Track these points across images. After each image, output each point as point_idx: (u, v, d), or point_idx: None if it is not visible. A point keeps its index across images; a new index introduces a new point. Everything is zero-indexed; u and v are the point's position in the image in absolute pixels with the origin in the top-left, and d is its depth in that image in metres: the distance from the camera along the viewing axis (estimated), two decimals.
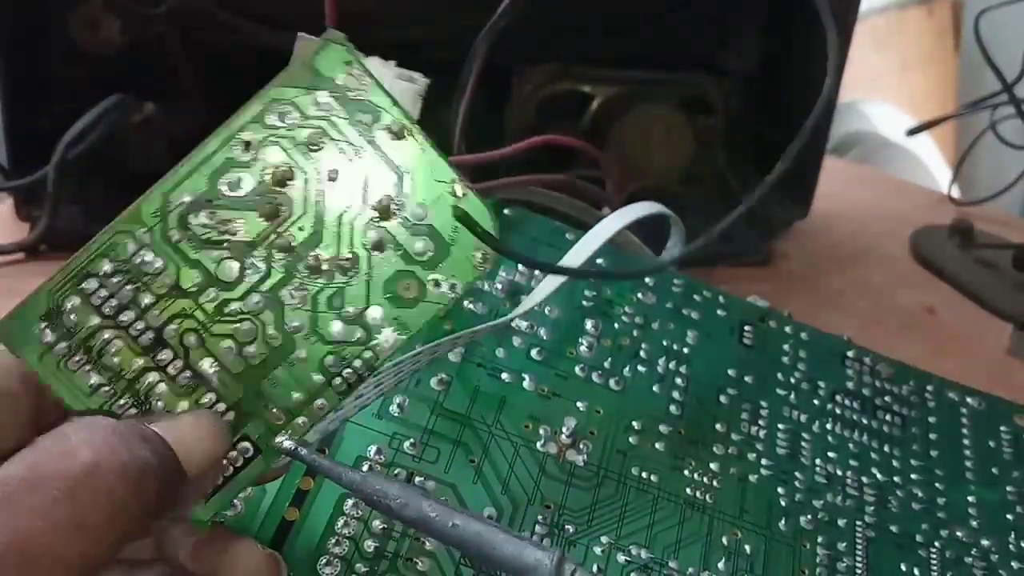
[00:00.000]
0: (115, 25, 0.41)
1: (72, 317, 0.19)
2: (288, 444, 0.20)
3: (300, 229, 0.20)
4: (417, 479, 0.25)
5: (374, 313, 0.20)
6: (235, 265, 0.20)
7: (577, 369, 0.29)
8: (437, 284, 0.21)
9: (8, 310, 0.19)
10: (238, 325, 0.20)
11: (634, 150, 0.46)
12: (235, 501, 0.23)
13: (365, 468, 0.24)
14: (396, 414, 0.26)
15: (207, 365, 0.20)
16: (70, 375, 0.19)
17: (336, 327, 0.20)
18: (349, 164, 0.20)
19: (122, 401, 0.20)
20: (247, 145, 0.20)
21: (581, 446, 0.27)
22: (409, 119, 0.21)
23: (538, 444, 0.27)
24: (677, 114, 0.46)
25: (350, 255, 0.20)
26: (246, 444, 0.20)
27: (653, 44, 0.46)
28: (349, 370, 0.20)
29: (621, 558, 0.25)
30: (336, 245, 0.20)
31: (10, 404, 0.19)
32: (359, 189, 0.20)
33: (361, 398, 0.23)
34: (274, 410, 0.20)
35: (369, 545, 0.23)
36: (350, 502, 0.24)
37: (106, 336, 0.20)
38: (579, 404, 0.28)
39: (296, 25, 0.23)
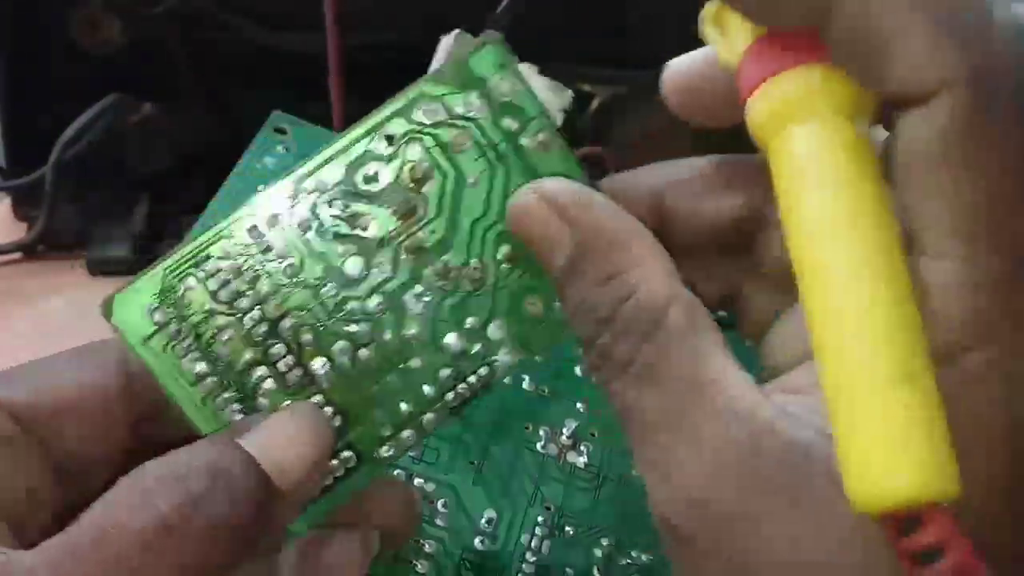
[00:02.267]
0: (114, 25, 0.41)
1: (186, 298, 0.19)
2: (387, 451, 0.19)
3: (432, 232, 0.19)
4: (416, 480, 0.25)
5: (496, 328, 0.20)
6: (361, 262, 0.19)
7: (577, 369, 0.29)
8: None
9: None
10: (356, 326, 0.19)
11: (634, 151, 0.46)
12: None
13: None
14: None
15: (319, 365, 0.19)
16: (176, 360, 0.19)
17: (456, 339, 0.19)
18: (491, 170, 0.19)
19: (227, 395, 0.19)
20: (390, 139, 0.19)
21: (581, 447, 0.27)
22: (555, 130, 0.20)
23: (538, 445, 0.27)
24: (677, 115, 0.46)
25: (480, 265, 0.19)
26: (349, 453, 0.19)
27: (653, 44, 0.46)
28: (464, 385, 0.19)
29: (622, 560, 0.25)
30: (467, 253, 0.19)
31: (104, 403, 0.19)
32: (498, 198, 0.19)
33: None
34: (382, 420, 0.19)
35: None
36: None
37: (219, 322, 0.19)
38: (579, 405, 0.28)
39: (296, 25, 0.23)
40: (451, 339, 0.19)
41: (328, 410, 0.19)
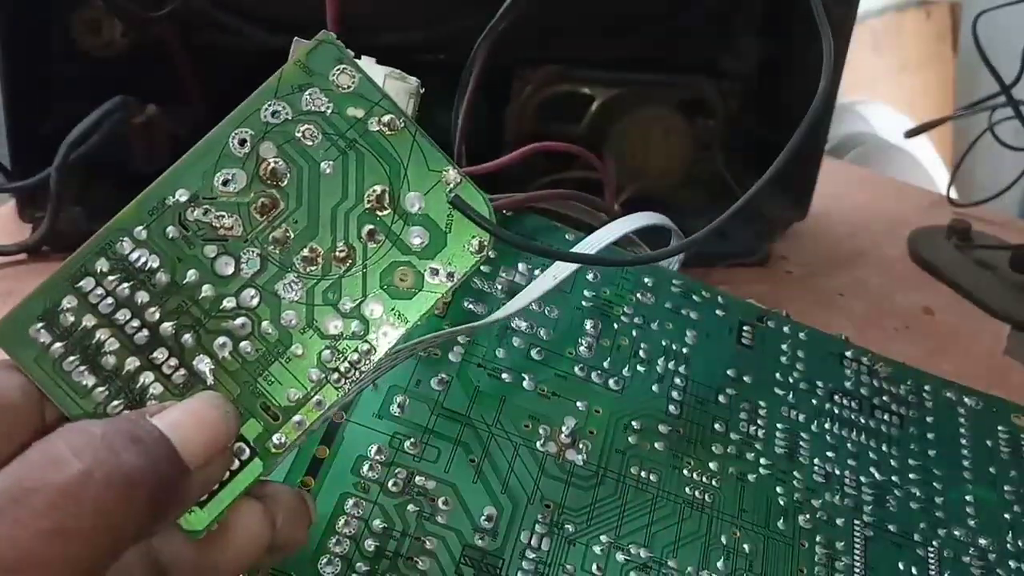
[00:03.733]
0: (116, 27, 0.41)
1: (68, 317, 0.19)
2: (280, 439, 0.20)
3: (295, 222, 0.20)
4: (418, 479, 0.25)
5: (371, 305, 0.21)
6: (230, 260, 0.20)
7: (576, 369, 0.29)
8: (435, 273, 0.21)
9: (12, 307, 0.19)
10: (233, 321, 0.20)
11: (634, 152, 0.46)
12: None
13: (366, 468, 0.25)
14: (396, 414, 0.26)
15: (202, 363, 0.20)
16: (66, 376, 0.19)
17: (333, 321, 0.20)
18: (343, 157, 0.21)
19: (116, 403, 0.19)
20: (241, 142, 0.20)
21: (580, 446, 0.27)
22: (400, 112, 0.21)
23: (538, 444, 0.27)
24: (676, 116, 0.46)
25: (345, 248, 0.20)
26: (241, 445, 0.20)
27: (653, 46, 0.46)
28: (346, 364, 0.20)
29: (620, 557, 0.25)
30: (331, 238, 0.20)
31: (10, 415, 0.19)
32: (353, 182, 0.21)
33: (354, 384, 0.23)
34: (271, 409, 0.20)
35: (369, 544, 0.23)
36: (351, 501, 0.24)
37: (101, 336, 0.19)
38: (579, 404, 0.28)
39: (297, 27, 0.23)
40: (328, 321, 0.20)
41: None
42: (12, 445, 0.18)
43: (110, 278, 0.20)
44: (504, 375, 0.28)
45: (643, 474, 0.27)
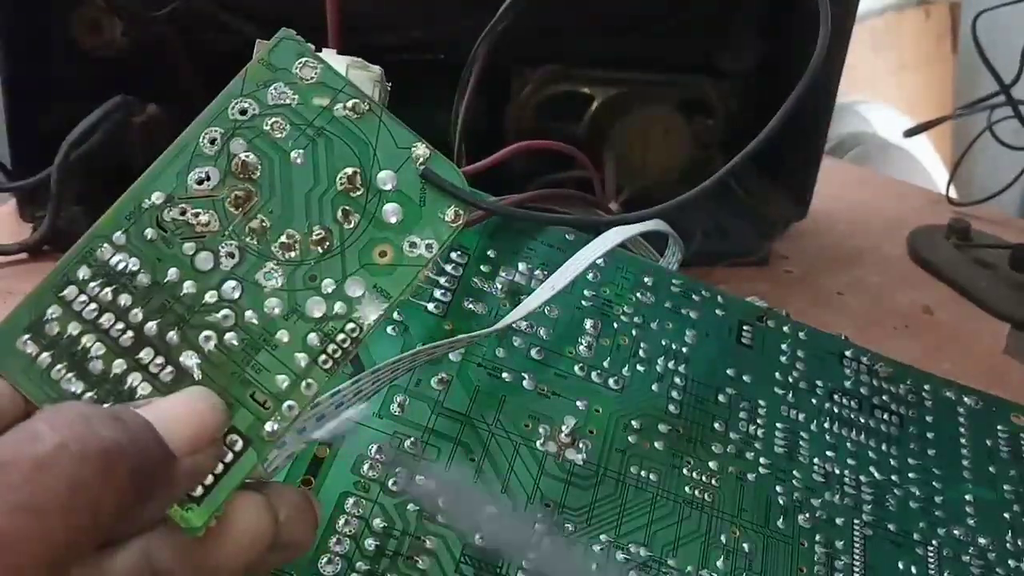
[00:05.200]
0: (117, 26, 0.41)
1: (54, 326, 0.19)
2: (272, 427, 0.20)
3: (270, 212, 0.21)
4: (418, 477, 0.25)
5: (353, 284, 0.21)
6: (209, 255, 0.20)
7: (576, 368, 0.29)
8: (413, 246, 0.21)
9: (10, 309, 0.19)
10: (216, 314, 0.20)
11: (633, 151, 0.46)
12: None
13: (366, 467, 0.25)
14: (397, 413, 0.26)
15: (189, 358, 0.20)
16: (54, 385, 0.19)
17: (316, 304, 0.20)
18: (312, 145, 0.21)
19: (106, 406, 0.19)
20: (212, 141, 0.21)
21: (580, 445, 0.27)
22: (363, 95, 0.21)
23: (538, 443, 0.27)
24: (676, 115, 0.46)
25: (322, 231, 0.21)
26: (234, 437, 0.20)
27: (652, 46, 0.46)
28: (333, 345, 0.20)
29: (620, 556, 0.25)
30: (307, 223, 0.21)
31: None
32: (324, 167, 0.21)
33: (360, 394, 0.23)
34: (261, 397, 0.20)
35: (370, 543, 0.23)
36: (351, 500, 0.24)
37: (87, 342, 0.19)
38: (578, 403, 0.28)
39: (298, 27, 0.23)
40: (311, 305, 0.20)
41: None
42: None
43: (92, 284, 0.20)
44: (504, 374, 0.28)
45: (643, 473, 0.27)
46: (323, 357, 0.20)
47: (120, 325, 0.20)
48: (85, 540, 0.15)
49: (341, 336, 0.20)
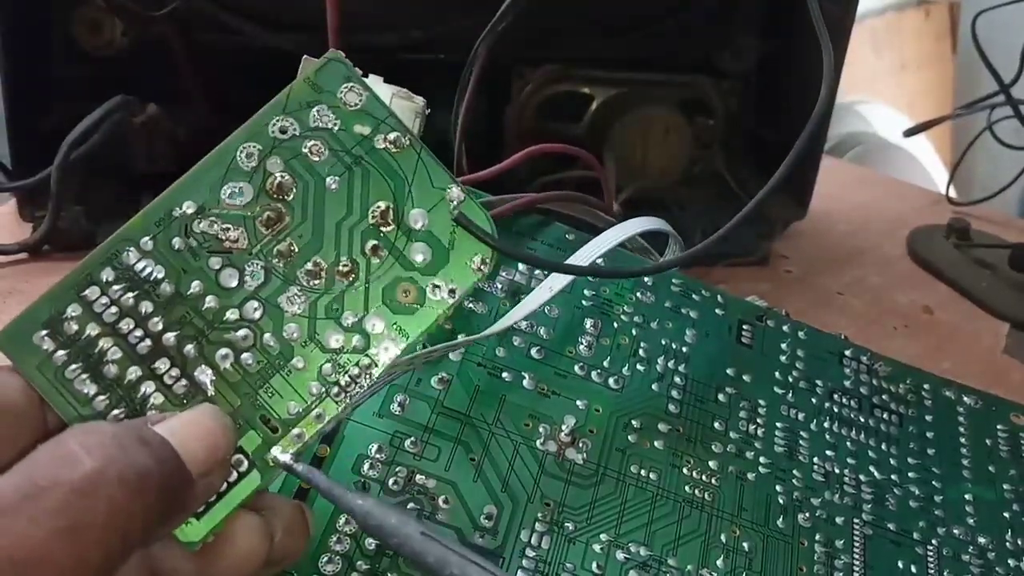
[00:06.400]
0: (117, 26, 0.41)
1: (72, 325, 0.19)
2: (284, 458, 0.20)
3: (299, 237, 0.21)
4: (418, 477, 0.25)
5: (373, 320, 0.21)
6: (235, 272, 0.20)
7: (576, 368, 0.29)
8: (436, 289, 0.21)
9: (10, 309, 0.20)
10: (235, 333, 0.20)
11: (633, 151, 0.46)
12: None
13: (366, 467, 0.25)
14: (397, 412, 0.26)
15: (204, 374, 0.20)
16: (67, 384, 0.19)
17: (334, 334, 0.20)
18: (348, 173, 0.21)
19: (117, 411, 0.19)
20: (249, 156, 0.21)
21: (580, 444, 0.27)
22: (405, 129, 0.21)
23: (538, 442, 0.27)
24: (676, 115, 0.46)
25: (349, 262, 0.21)
26: (240, 457, 0.20)
27: (652, 46, 0.46)
28: (347, 378, 0.20)
29: (620, 555, 0.25)
30: (335, 252, 0.21)
31: (12, 419, 0.19)
32: (358, 198, 0.21)
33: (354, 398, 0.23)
34: (271, 421, 0.20)
35: (370, 543, 0.23)
36: None
37: (105, 345, 0.19)
38: (579, 402, 0.28)
39: (298, 27, 0.23)
40: (330, 335, 0.20)
41: None
42: (15, 449, 0.18)
43: (115, 287, 0.20)
44: (504, 374, 0.28)
45: (643, 472, 0.27)
46: (336, 389, 0.20)
47: (139, 332, 0.20)
48: (117, 561, 0.16)
49: (355, 370, 0.20)
